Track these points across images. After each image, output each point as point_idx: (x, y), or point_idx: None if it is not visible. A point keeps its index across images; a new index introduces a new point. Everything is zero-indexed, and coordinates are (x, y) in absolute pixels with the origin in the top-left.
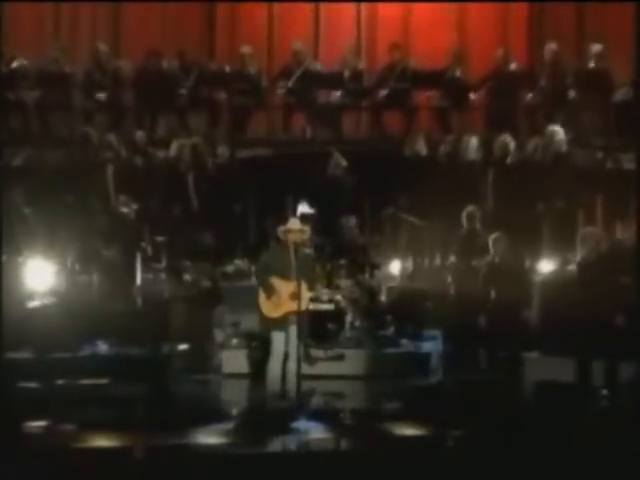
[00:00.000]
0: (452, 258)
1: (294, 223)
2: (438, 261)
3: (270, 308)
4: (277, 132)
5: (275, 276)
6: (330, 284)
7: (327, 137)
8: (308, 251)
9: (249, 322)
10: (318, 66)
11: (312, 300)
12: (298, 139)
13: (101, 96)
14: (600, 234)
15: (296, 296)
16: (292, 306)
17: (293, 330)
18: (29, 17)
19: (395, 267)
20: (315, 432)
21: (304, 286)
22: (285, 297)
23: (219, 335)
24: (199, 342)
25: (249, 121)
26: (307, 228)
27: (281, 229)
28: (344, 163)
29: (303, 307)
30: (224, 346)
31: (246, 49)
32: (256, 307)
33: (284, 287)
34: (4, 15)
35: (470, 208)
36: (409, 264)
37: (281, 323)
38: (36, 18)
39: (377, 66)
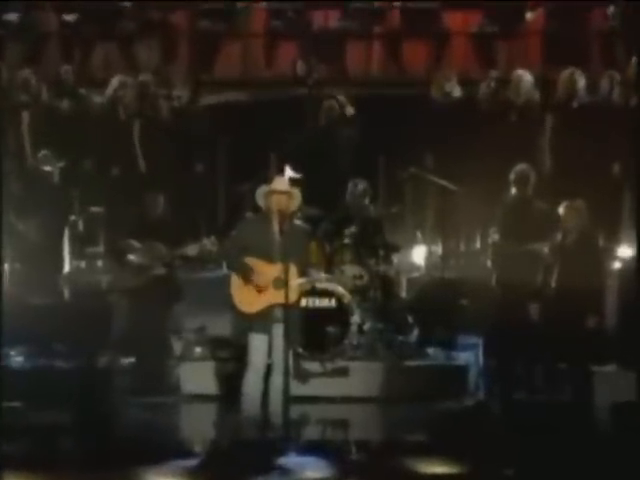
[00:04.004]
0: (496, 237)
1: (280, 183)
2: (477, 241)
3: (247, 299)
4: (257, 69)
5: (253, 257)
6: (330, 271)
7: (326, 75)
8: (299, 223)
9: (218, 326)
10: None
11: (305, 294)
12: (286, 78)
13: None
14: None
15: (282, 283)
16: (277, 297)
17: (278, 331)
18: None
19: (419, 250)
20: (309, 471)
21: (293, 270)
22: (267, 284)
23: (177, 343)
24: (150, 352)
25: (218, 54)
26: (298, 192)
27: (261, 191)
28: (350, 111)
29: (292, 299)
30: (184, 357)
31: None
32: (228, 302)
33: (266, 271)
34: None
35: (521, 167)
36: (437, 245)
37: (262, 321)
38: None
39: None
